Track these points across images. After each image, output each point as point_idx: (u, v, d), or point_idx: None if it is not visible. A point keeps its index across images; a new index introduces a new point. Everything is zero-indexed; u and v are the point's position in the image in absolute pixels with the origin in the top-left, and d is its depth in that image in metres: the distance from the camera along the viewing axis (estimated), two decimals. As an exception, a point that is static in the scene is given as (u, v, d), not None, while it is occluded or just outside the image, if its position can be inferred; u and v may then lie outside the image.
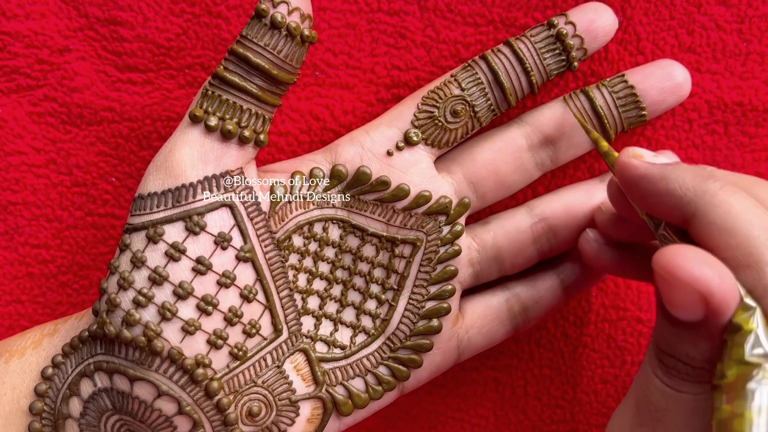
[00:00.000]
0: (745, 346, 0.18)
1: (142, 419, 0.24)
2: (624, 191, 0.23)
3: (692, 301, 0.18)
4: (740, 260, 0.18)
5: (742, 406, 0.17)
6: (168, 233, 0.24)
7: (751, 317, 0.18)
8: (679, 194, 0.20)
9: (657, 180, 0.21)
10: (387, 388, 0.27)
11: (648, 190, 0.21)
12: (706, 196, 0.20)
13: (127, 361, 0.24)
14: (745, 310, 0.18)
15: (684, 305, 0.19)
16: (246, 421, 0.25)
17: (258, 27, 0.24)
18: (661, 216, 0.21)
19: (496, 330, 0.29)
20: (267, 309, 0.26)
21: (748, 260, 0.18)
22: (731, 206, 0.19)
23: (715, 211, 0.19)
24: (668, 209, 0.21)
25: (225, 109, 0.25)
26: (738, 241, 0.19)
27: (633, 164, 0.22)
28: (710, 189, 0.20)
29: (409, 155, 0.27)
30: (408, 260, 0.27)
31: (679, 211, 0.20)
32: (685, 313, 0.19)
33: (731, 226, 0.19)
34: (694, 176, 0.20)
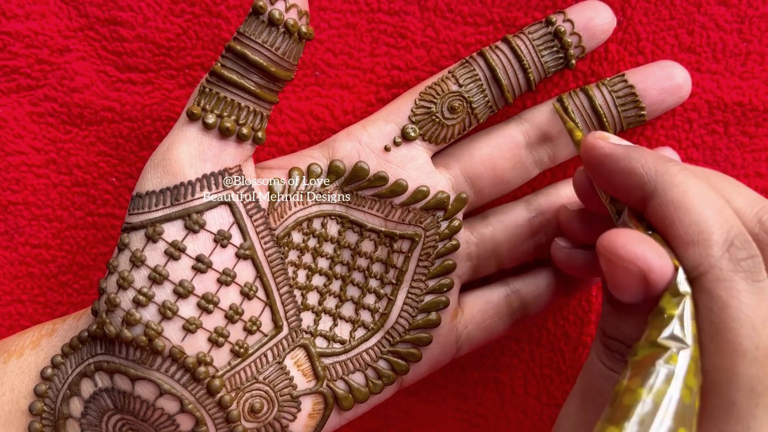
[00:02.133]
0: (663, 330, 0.18)
1: (144, 418, 0.24)
2: (588, 173, 0.23)
3: (632, 279, 0.19)
4: (690, 236, 0.19)
5: (637, 383, 0.18)
6: (167, 232, 0.24)
7: (677, 304, 0.19)
8: (640, 172, 0.21)
9: (620, 159, 0.21)
10: (387, 381, 0.27)
11: (611, 168, 0.22)
12: (666, 176, 0.20)
13: (128, 360, 0.24)
14: (674, 296, 0.19)
15: (625, 284, 0.19)
16: (248, 418, 0.25)
17: (255, 24, 0.24)
18: (622, 196, 0.22)
19: (495, 325, 0.29)
20: (267, 306, 0.26)
21: (698, 237, 0.19)
22: (689, 187, 0.20)
23: (673, 190, 0.20)
24: (629, 188, 0.21)
25: (223, 107, 0.25)
26: (691, 219, 0.19)
27: (599, 144, 0.22)
28: (671, 170, 0.20)
29: (407, 151, 0.27)
30: (406, 255, 0.27)
31: (639, 190, 0.21)
32: (627, 293, 0.19)
33: (687, 205, 0.20)
34: (656, 158, 0.21)
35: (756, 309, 0.18)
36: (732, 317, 0.18)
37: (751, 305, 0.18)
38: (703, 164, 0.31)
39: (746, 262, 0.19)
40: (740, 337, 0.18)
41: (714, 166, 0.31)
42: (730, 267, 0.19)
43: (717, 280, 0.19)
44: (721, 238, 0.19)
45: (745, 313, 0.18)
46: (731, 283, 0.19)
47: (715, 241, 0.19)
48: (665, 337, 0.18)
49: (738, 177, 0.31)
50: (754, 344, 0.18)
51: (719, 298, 0.19)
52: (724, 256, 0.19)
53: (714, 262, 0.19)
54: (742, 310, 0.18)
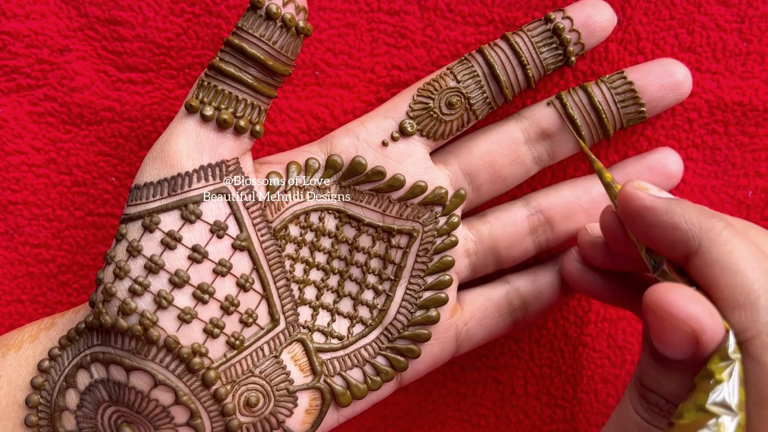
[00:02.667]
0: (710, 394, 0.18)
1: (139, 410, 0.24)
2: (625, 223, 0.23)
3: (683, 338, 0.19)
4: (737, 299, 0.19)
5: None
6: (164, 222, 0.24)
7: (726, 368, 0.18)
8: (684, 228, 0.20)
9: (662, 212, 0.21)
10: (385, 378, 0.27)
11: (652, 222, 0.21)
12: (711, 233, 0.20)
13: (124, 351, 0.24)
14: (723, 360, 0.18)
15: (674, 342, 0.19)
16: (244, 412, 0.25)
17: (253, 18, 0.24)
18: (662, 250, 0.21)
19: (495, 323, 0.29)
20: (264, 298, 0.26)
21: (746, 300, 0.19)
22: (735, 246, 0.19)
23: (719, 249, 0.20)
24: (671, 243, 0.21)
25: (221, 99, 0.25)
26: (738, 281, 0.19)
27: (638, 195, 0.22)
28: (715, 227, 0.20)
29: (405, 146, 0.27)
30: (404, 250, 0.27)
31: (682, 245, 0.20)
32: (674, 351, 0.19)
33: (734, 266, 0.19)
34: (700, 213, 0.21)
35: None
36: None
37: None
38: (703, 164, 0.31)
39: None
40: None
41: (714, 166, 0.31)
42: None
43: (764, 347, 0.18)
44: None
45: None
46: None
47: (762, 306, 0.18)
48: (713, 403, 0.18)
49: (738, 177, 0.31)
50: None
51: (766, 365, 0.18)
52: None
53: (762, 327, 0.18)
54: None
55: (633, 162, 0.29)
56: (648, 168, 0.29)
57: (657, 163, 0.29)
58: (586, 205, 0.29)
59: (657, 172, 0.28)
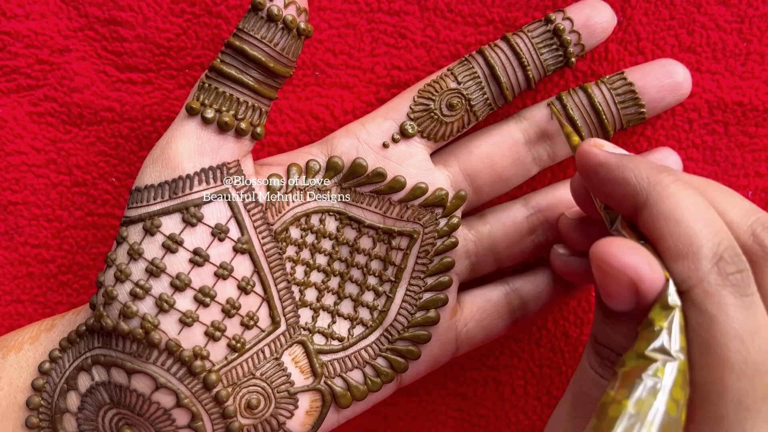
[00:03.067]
0: (651, 342, 0.18)
1: (140, 412, 0.24)
2: (583, 181, 0.23)
3: (623, 288, 0.19)
4: (680, 249, 0.19)
5: (623, 395, 0.18)
6: (165, 225, 0.24)
7: (666, 316, 0.19)
8: (633, 183, 0.21)
9: (614, 168, 0.21)
10: (385, 379, 0.27)
11: (605, 177, 0.22)
12: (658, 187, 0.20)
13: (125, 354, 0.24)
14: (664, 308, 0.19)
15: (616, 293, 0.19)
16: (245, 414, 0.25)
17: (254, 20, 0.24)
18: (615, 205, 0.22)
19: (495, 324, 0.29)
20: (265, 301, 0.26)
21: (688, 250, 0.19)
22: (680, 198, 0.20)
23: (664, 202, 0.20)
24: (622, 198, 0.21)
25: (222, 102, 0.25)
26: (680, 231, 0.19)
27: (593, 152, 0.22)
28: (663, 181, 0.20)
29: (405, 147, 0.27)
30: (405, 252, 0.27)
31: (631, 200, 0.21)
32: (617, 302, 0.20)
33: (677, 217, 0.20)
34: (650, 168, 0.21)
35: (744, 323, 0.18)
36: (720, 332, 0.18)
37: (739, 319, 0.18)
38: (703, 164, 0.31)
39: (735, 277, 0.19)
40: (728, 351, 0.18)
41: (714, 166, 0.31)
42: (718, 281, 0.19)
43: (705, 294, 0.19)
44: (711, 252, 0.19)
45: (733, 328, 0.18)
46: (719, 297, 0.19)
47: (704, 255, 0.19)
48: (653, 350, 0.18)
49: (738, 177, 0.31)
50: (742, 358, 0.18)
51: (707, 312, 0.19)
52: (713, 270, 0.19)
53: (702, 276, 0.19)
54: (730, 324, 0.18)
55: None
56: None
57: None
58: None
59: None
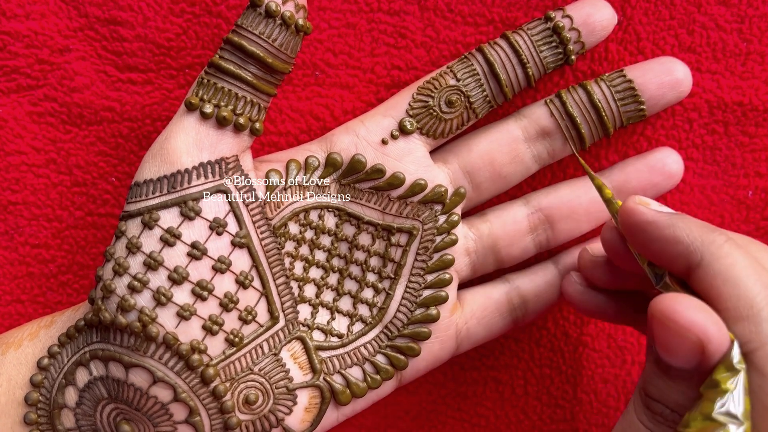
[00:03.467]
0: (716, 404, 0.18)
1: (138, 407, 0.24)
2: (627, 237, 0.23)
3: (689, 347, 0.19)
4: (740, 312, 0.19)
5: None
6: (163, 218, 0.24)
7: (731, 377, 0.18)
8: (686, 242, 0.21)
9: (665, 227, 0.21)
10: (385, 377, 0.27)
11: (654, 236, 0.22)
12: (712, 247, 0.20)
13: (123, 347, 0.24)
14: (728, 370, 0.19)
15: (680, 351, 0.19)
16: (243, 409, 0.25)
17: (253, 16, 0.24)
18: (664, 263, 0.22)
19: (495, 322, 0.29)
20: (263, 296, 0.26)
21: (749, 312, 0.19)
22: (736, 259, 0.20)
23: (721, 262, 0.20)
24: (674, 256, 0.21)
25: (220, 97, 0.25)
26: (740, 293, 0.19)
27: (641, 210, 0.22)
28: (717, 240, 0.20)
29: (404, 144, 0.27)
30: (404, 249, 0.27)
31: (684, 259, 0.21)
32: (679, 360, 0.19)
33: (736, 278, 0.19)
34: (701, 227, 0.21)
35: None
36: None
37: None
38: (703, 164, 0.31)
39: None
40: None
41: (714, 166, 0.31)
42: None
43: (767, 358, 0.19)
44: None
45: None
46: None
47: (765, 317, 0.19)
48: (720, 413, 0.18)
49: (738, 177, 0.31)
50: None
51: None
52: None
53: (765, 339, 0.19)
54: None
55: (633, 162, 0.29)
56: (648, 167, 0.29)
57: (657, 162, 0.29)
58: (587, 204, 0.29)
59: (657, 171, 0.28)
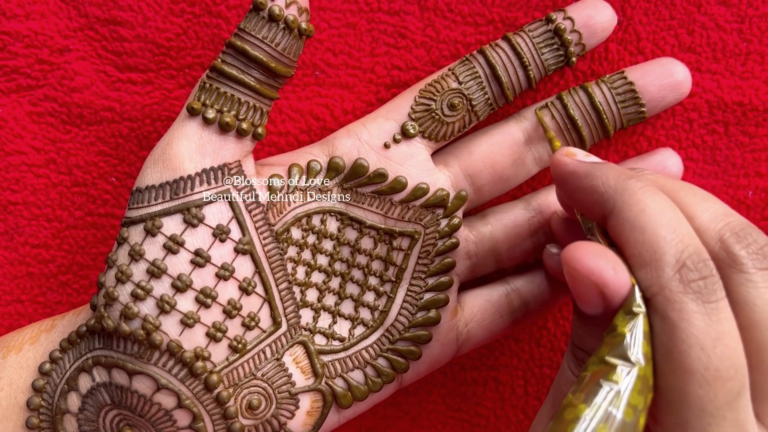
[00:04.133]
0: (613, 348, 0.19)
1: (142, 413, 0.24)
2: (557, 189, 0.24)
3: (590, 292, 0.19)
4: (644, 257, 0.19)
5: (579, 399, 0.18)
6: (166, 226, 0.24)
7: (629, 321, 0.19)
8: (600, 191, 0.21)
9: (582, 176, 0.22)
10: (386, 380, 0.27)
11: (574, 185, 0.22)
12: (625, 194, 0.20)
13: (126, 355, 0.24)
14: (627, 314, 0.19)
15: (585, 297, 0.20)
16: (246, 414, 0.25)
17: (256, 20, 0.24)
18: (587, 212, 0.22)
19: (496, 324, 0.29)
20: (266, 302, 0.26)
21: (651, 257, 0.19)
22: (646, 205, 0.20)
23: (630, 209, 0.20)
24: (591, 205, 0.21)
25: (223, 102, 0.25)
26: (645, 239, 0.19)
27: (564, 161, 0.23)
28: (630, 187, 0.20)
29: (406, 148, 0.27)
30: (406, 252, 0.27)
31: (600, 207, 0.21)
32: (587, 306, 0.20)
33: (642, 224, 0.20)
34: (618, 175, 0.21)
35: (705, 330, 0.18)
36: (681, 339, 0.18)
37: (700, 327, 0.18)
38: (703, 164, 0.31)
39: (697, 284, 0.19)
40: (690, 358, 0.18)
41: (714, 166, 0.31)
42: (679, 288, 0.19)
43: (667, 302, 0.19)
44: (673, 259, 0.19)
45: (694, 335, 0.18)
46: (680, 305, 0.19)
47: (666, 262, 0.19)
48: (614, 355, 0.19)
49: (738, 177, 0.31)
50: (703, 365, 0.18)
51: (669, 319, 0.19)
52: (675, 277, 0.19)
53: (664, 283, 0.19)
54: (690, 331, 0.18)
55: (633, 163, 0.29)
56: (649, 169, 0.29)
57: (658, 164, 0.29)
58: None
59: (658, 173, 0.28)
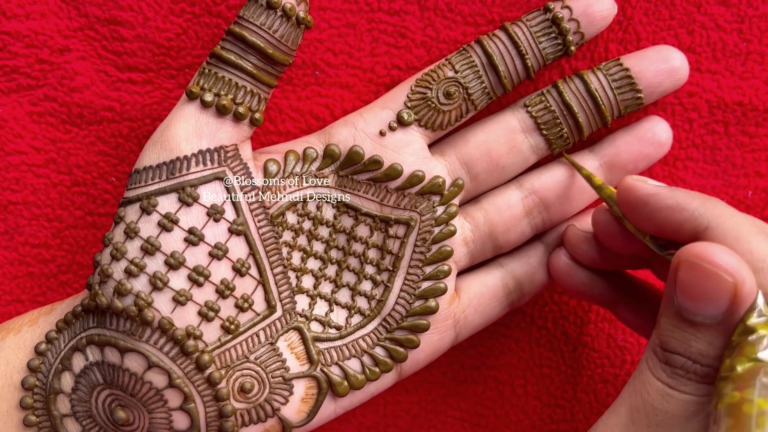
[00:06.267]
0: (758, 346, 0.19)
1: (133, 393, 0.24)
2: (627, 214, 0.24)
3: (723, 290, 0.19)
4: (755, 265, 0.20)
5: (751, 393, 0.19)
6: (161, 204, 0.24)
7: (765, 322, 0.19)
8: (691, 208, 0.22)
9: (667, 197, 0.22)
10: (384, 369, 0.27)
11: (658, 206, 0.22)
12: (716, 210, 0.21)
13: (118, 332, 0.24)
14: (760, 316, 0.20)
15: (712, 295, 0.20)
16: (238, 398, 0.25)
17: (254, 7, 0.25)
18: (670, 232, 0.22)
19: (492, 308, 0.29)
20: (260, 284, 0.26)
21: (763, 265, 0.20)
22: (740, 219, 0.21)
23: (728, 223, 0.21)
24: (679, 223, 0.22)
25: (221, 86, 0.25)
26: (753, 248, 0.20)
27: (640, 185, 0.23)
28: (719, 205, 0.21)
29: (402, 135, 0.27)
30: (402, 240, 0.27)
31: (691, 224, 0.22)
32: (710, 305, 0.20)
33: (746, 235, 0.20)
34: (699, 195, 0.22)
35: None
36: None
37: None
38: (703, 164, 0.31)
39: None
40: None
41: (714, 166, 0.31)
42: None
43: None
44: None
45: None
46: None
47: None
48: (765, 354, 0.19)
49: (738, 177, 0.31)
50: None
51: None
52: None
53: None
54: None
55: (623, 134, 0.29)
56: (638, 138, 0.29)
57: (647, 132, 0.29)
58: (579, 182, 0.29)
59: (647, 141, 0.28)
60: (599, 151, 0.29)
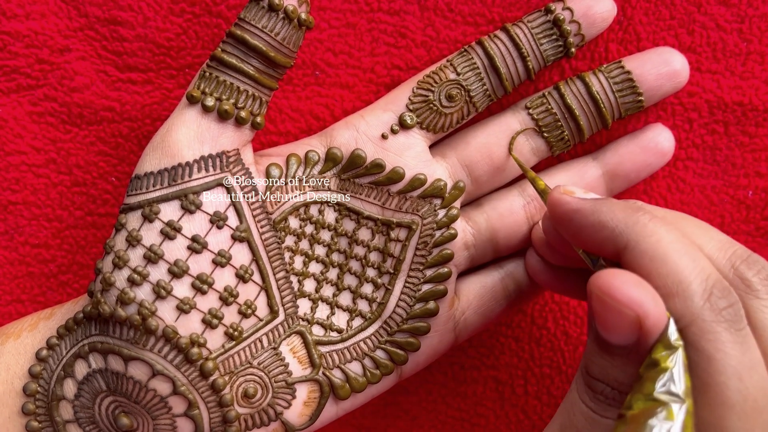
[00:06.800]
0: (657, 383, 0.18)
1: (137, 400, 0.24)
2: (557, 227, 0.23)
3: (627, 323, 0.19)
4: (670, 288, 0.19)
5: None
6: (164, 211, 0.24)
7: (670, 355, 0.18)
8: (611, 226, 0.21)
9: (589, 213, 0.21)
10: (385, 371, 0.27)
11: (581, 223, 0.22)
12: (637, 227, 0.20)
13: (122, 340, 0.24)
14: (666, 348, 0.19)
15: (618, 328, 0.19)
16: (242, 403, 0.25)
17: (256, 10, 0.25)
18: (594, 249, 0.22)
19: (492, 309, 0.29)
20: (263, 290, 0.26)
21: (678, 288, 0.19)
22: (661, 236, 0.20)
23: (646, 241, 0.20)
24: (601, 241, 0.21)
25: (222, 90, 0.25)
26: (668, 269, 0.19)
27: (565, 200, 0.22)
28: (641, 220, 0.20)
29: (404, 138, 0.27)
30: (404, 244, 0.27)
31: (611, 243, 0.21)
32: (618, 336, 0.19)
33: (662, 255, 0.19)
34: (625, 209, 0.21)
35: (741, 359, 0.18)
36: (718, 370, 0.18)
37: (736, 356, 0.18)
38: (703, 164, 0.31)
39: (727, 312, 0.18)
40: (728, 390, 0.18)
41: (714, 166, 0.31)
42: (712, 317, 0.18)
43: (701, 332, 0.18)
44: (700, 288, 0.19)
45: (731, 366, 0.18)
46: (714, 334, 0.18)
47: (694, 291, 0.19)
48: (661, 392, 0.18)
49: (738, 177, 0.31)
50: (741, 397, 0.18)
51: (704, 351, 0.18)
52: (705, 306, 0.19)
53: (696, 312, 0.18)
54: (728, 362, 0.18)
55: (626, 143, 0.29)
56: (641, 147, 0.29)
57: (650, 141, 0.29)
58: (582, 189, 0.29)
59: (650, 150, 0.29)
60: (602, 159, 0.29)
